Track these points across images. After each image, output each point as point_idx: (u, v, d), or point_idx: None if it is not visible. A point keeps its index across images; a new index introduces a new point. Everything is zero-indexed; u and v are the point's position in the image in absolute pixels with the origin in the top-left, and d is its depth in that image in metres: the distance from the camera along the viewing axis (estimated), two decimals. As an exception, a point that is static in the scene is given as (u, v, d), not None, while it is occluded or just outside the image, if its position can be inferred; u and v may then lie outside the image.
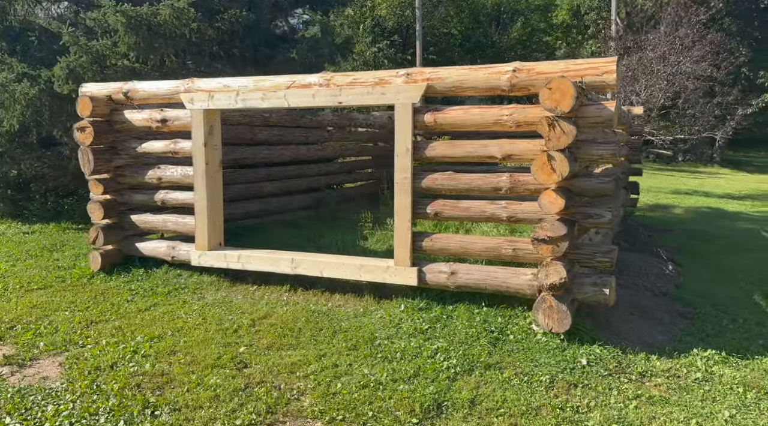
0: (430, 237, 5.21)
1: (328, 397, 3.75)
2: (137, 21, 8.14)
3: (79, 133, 6.26)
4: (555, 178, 4.37)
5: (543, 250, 4.53)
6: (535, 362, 4.26)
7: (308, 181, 9.79)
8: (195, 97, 5.90)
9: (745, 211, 14.91)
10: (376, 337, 4.65)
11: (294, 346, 4.54)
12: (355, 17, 26.27)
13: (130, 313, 5.33)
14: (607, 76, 4.42)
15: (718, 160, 33.87)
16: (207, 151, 5.97)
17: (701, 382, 4.13)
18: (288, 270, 5.70)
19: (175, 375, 4.06)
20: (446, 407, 3.65)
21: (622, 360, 4.37)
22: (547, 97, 4.35)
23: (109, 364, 4.22)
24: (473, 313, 5.03)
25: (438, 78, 4.96)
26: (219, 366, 4.20)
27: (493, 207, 4.92)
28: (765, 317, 5.64)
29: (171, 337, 4.72)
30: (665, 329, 5.12)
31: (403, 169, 5.15)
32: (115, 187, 6.56)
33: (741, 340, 4.96)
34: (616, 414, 3.62)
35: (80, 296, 5.82)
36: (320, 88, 5.40)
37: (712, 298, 6.15)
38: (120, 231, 6.62)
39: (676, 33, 17.14)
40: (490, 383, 3.95)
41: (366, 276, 5.39)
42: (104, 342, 4.65)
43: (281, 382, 3.96)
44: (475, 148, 4.95)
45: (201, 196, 6.02)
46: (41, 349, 4.57)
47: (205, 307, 5.45)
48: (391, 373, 4.05)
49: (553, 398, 3.78)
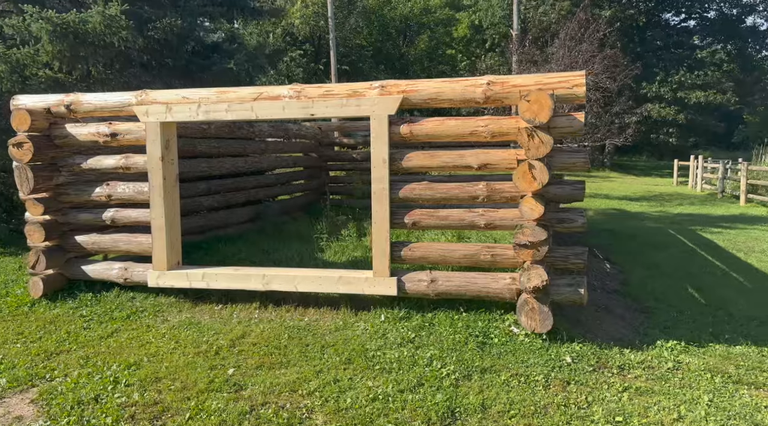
0: (408, 246, 5.26)
1: (340, 413, 3.70)
2: (63, 29, 7.63)
3: (15, 149, 5.78)
4: (536, 185, 4.57)
5: (524, 254, 4.72)
6: (525, 363, 4.42)
7: (247, 194, 9.55)
8: (150, 109, 5.62)
9: (645, 211, 16.16)
10: (367, 349, 4.63)
11: (285, 364, 4.43)
12: (265, 26, 25.92)
13: (92, 341, 4.98)
14: (577, 88, 4.69)
15: (608, 164, 36.49)
16: (164, 165, 5.70)
17: (674, 371, 4.46)
18: (259, 286, 5.54)
19: (170, 403, 3.85)
20: (459, 413, 3.71)
21: (601, 355, 4.63)
22: (526, 108, 4.55)
23: (91, 397, 3.93)
24: (453, 319, 5.13)
25: (414, 90, 5.05)
26: (213, 390, 4.02)
27: (472, 215, 5.05)
28: (704, 308, 6.16)
29: (149, 364, 4.46)
30: (627, 324, 5.47)
31: (380, 180, 5.17)
32: (56, 206, 6.09)
33: (693, 331, 5.41)
34: (614, 407, 3.83)
35: (26, 326, 5.36)
36: (290, 100, 5.32)
37: (654, 293, 6.64)
38: (62, 254, 6.15)
39: (578, 48, 18.28)
40: (491, 387, 4.05)
41: (344, 288, 5.36)
42: (75, 373, 4.32)
43: (286, 402, 3.86)
44: (452, 158, 5.07)
45: (158, 214, 5.73)
46: (3, 386, 4.17)
47: (173, 330, 5.19)
48: (395, 383, 4.05)
49: (553, 396, 3.95)
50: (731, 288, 7.06)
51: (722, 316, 5.92)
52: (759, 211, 16.37)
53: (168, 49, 8.94)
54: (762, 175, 18.90)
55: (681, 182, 27.37)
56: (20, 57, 7.73)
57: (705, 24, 38.21)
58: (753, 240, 10.99)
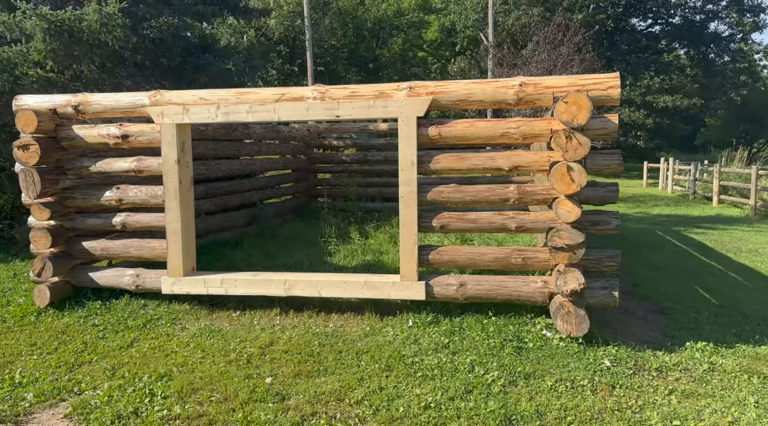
0: (437, 250, 5.19)
1: (395, 422, 3.60)
2: (58, 26, 7.33)
3: (21, 151, 5.50)
4: (574, 187, 4.55)
5: (559, 257, 4.69)
6: (566, 368, 4.39)
7: (242, 197, 9.36)
8: (166, 110, 5.42)
9: (625, 213, 16.42)
10: (404, 356, 4.54)
11: (323, 372, 4.31)
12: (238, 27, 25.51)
13: (113, 352, 4.76)
14: (611, 90, 4.69)
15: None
16: (180, 168, 5.50)
17: (711, 373, 4.48)
18: (281, 292, 5.40)
19: (215, 415, 3.69)
20: (516, 421, 3.64)
21: (637, 358, 4.63)
22: (564, 110, 4.53)
23: (130, 411, 3.73)
24: (483, 323, 5.08)
25: (443, 92, 4.98)
26: (257, 400, 3.88)
27: (502, 218, 5.01)
28: (719, 309, 6.24)
29: (181, 375, 4.28)
30: (652, 326, 5.50)
31: (407, 183, 5.08)
32: (62, 211, 5.83)
33: (717, 332, 5.45)
34: (668, 410, 3.82)
35: (38, 337, 5.10)
36: (315, 102, 5.20)
37: (667, 294, 6.71)
38: (68, 260, 5.89)
39: (557, 51, 18.52)
40: (540, 392, 4.00)
41: (370, 293, 5.25)
42: (106, 386, 4.11)
43: (335, 412, 3.74)
44: (482, 161, 5.02)
45: (173, 218, 5.53)
46: (30, 401, 3.95)
47: (195, 338, 5.00)
48: (443, 391, 3.97)
49: (604, 401, 3.92)
50: (738, 288, 7.18)
51: (737, 316, 6.00)
52: (732, 212, 16.81)
53: (163, 49, 8.68)
54: (732, 177, 19.43)
55: (651, 184, 27.97)
56: (11, 55, 7.40)
57: (670, 29, 39.20)
58: (738, 240, 11.26)
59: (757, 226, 14.38)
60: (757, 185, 16.46)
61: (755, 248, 10.48)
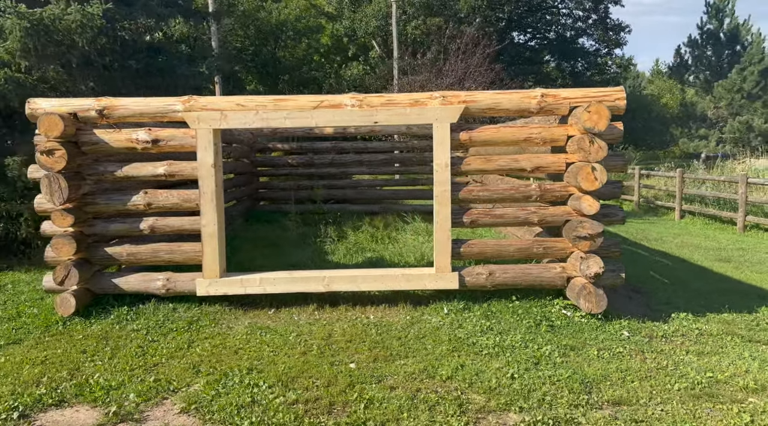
0: (467, 243, 5.74)
1: (494, 392, 4.09)
2: (36, 25, 7.06)
3: (45, 156, 5.35)
4: (597, 185, 5.30)
5: (582, 245, 5.43)
6: (597, 340, 5.12)
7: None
8: (202, 115, 5.53)
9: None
10: (460, 338, 5.05)
11: (397, 357, 4.70)
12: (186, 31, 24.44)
13: (176, 353, 4.84)
14: (618, 101, 5.50)
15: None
16: (216, 172, 5.63)
17: (703, 336, 5.39)
18: (321, 288, 5.70)
19: (333, 397, 3.99)
20: (590, 382, 4.28)
21: (645, 329, 5.46)
22: (587, 118, 5.27)
23: (248, 401, 3.93)
24: (509, 307, 5.71)
25: (473, 101, 5.55)
26: (359, 382, 4.21)
27: (525, 212, 5.67)
28: (675, 287, 7.29)
29: (267, 367, 4.49)
30: (638, 303, 6.41)
31: (442, 183, 5.60)
32: (83, 217, 5.71)
33: (688, 305, 6.45)
34: (696, 365, 4.61)
35: (81, 345, 5.02)
36: (353, 109, 5.56)
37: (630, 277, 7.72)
38: (89, 267, 5.77)
39: (470, 61, 19.79)
40: (592, 360, 4.68)
41: (406, 285, 5.70)
42: (202, 382, 4.24)
43: (435, 387, 4.17)
44: (507, 162, 5.65)
45: (210, 220, 5.64)
46: (134, 400, 4.00)
47: (250, 336, 5.18)
48: (517, 363, 4.53)
49: (645, 363, 4.67)
50: (674, 270, 8.40)
51: (691, 291, 7.07)
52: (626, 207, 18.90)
53: (132, 51, 8.51)
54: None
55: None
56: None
57: (544, 44, 42.60)
58: (641, 231, 12.91)
59: (647, 218, 16.40)
60: (640, 183, 18.70)
61: (659, 237, 12.08)
